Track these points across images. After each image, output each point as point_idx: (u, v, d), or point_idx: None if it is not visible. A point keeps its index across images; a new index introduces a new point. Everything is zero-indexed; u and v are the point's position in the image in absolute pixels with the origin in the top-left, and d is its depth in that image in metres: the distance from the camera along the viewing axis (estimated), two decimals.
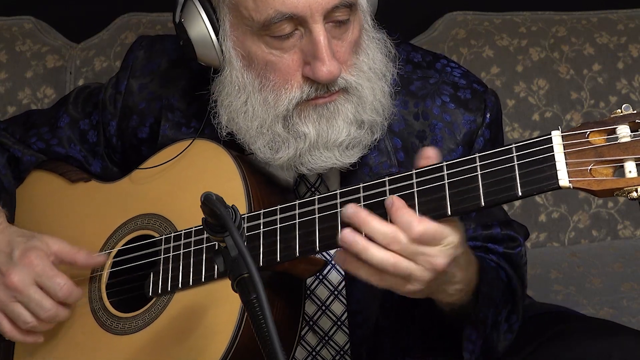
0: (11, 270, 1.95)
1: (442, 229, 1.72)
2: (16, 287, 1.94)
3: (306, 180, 2.05)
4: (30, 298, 1.95)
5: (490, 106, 2.04)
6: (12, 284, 1.94)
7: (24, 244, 1.98)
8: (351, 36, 1.91)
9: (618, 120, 1.65)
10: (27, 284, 1.94)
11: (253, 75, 1.93)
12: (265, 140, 1.94)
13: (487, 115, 2.03)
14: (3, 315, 1.98)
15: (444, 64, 2.08)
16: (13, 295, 1.95)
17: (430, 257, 1.72)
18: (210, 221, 1.65)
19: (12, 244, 1.99)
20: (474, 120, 2.02)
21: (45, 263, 1.96)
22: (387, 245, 1.71)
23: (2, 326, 1.98)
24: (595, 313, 2.81)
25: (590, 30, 3.24)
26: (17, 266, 1.95)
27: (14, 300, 1.95)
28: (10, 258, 1.97)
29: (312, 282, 2.04)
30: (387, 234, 1.71)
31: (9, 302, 1.96)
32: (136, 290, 2.01)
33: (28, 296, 1.94)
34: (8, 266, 1.96)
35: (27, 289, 1.94)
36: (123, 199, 2.09)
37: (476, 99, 2.04)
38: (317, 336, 2.06)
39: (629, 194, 1.61)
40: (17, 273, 1.94)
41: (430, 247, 1.72)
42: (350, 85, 1.91)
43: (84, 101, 2.23)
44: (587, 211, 3.16)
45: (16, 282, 1.94)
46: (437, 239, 1.72)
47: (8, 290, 1.95)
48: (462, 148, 2.00)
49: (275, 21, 1.85)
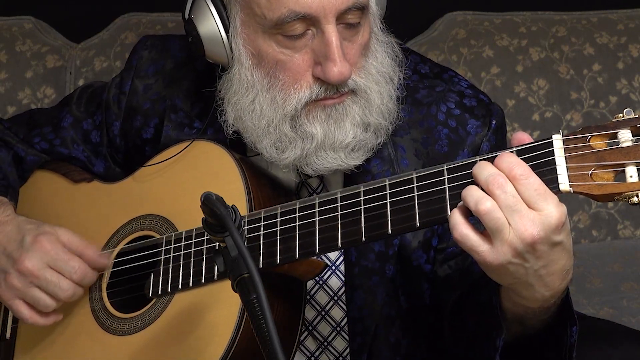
0: (24, 256, 1.96)
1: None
2: (31, 272, 1.95)
3: (308, 186, 2.04)
4: (47, 281, 1.95)
5: (495, 114, 2.03)
6: (26, 269, 1.95)
7: (34, 230, 1.99)
8: (361, 39, 1.91)
9: (620, 124, 1.65)
10: (41, 268, 1.95)
11: (262, 74, 1.92)
12: (271, 140, 1.94)
13: (492, 121, 2.02)
14: (21, 302, 1.98)
15: (452, 75, 2.08)
16: (29, 280, 1.96)
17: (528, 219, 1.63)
18: (210, 221, 1.65)
19: (22, 231, 1.99)
20: (480, 126, 2.01)
21: (57, 247, 1.97)
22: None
23: (21, 314, 1.99)
24: (595, 313, 2.81)
25: (590, 30, 3.24)
26: (29, 251, 1.96)
27: (31, 285, 1.96)
28: (21, 245, 1.97)
29: (311, 287, 2.04)
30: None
31: (27, 289, 1.96)
32: (136, 291, 2.01)
33: (45, 279, 1.95)
34: (20, 252, 1.96)
35: (42, 272, 1.95)
36: (125, 199, 2.10)
37: (481, 107, 2.03)
38: (316, 341, 2.06)
39: (630, 199, 1.60)
40: (30, 258, 1.95)
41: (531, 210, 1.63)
42: (359, 87, 1.91)
43: (87, 101, 2.23)
44: (587, 211, 3.16)
45: (30, 267, 1.95)
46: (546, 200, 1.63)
47: (23, 276, 1.96)
48: (468, 153, 2.00)
49: (288, 20, 1.85)
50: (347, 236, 1.79)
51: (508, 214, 1.63)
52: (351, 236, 1.79)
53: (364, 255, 2.00)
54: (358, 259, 2.00)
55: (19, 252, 1.97)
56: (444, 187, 1.72)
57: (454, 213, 1.67)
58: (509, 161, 1.64)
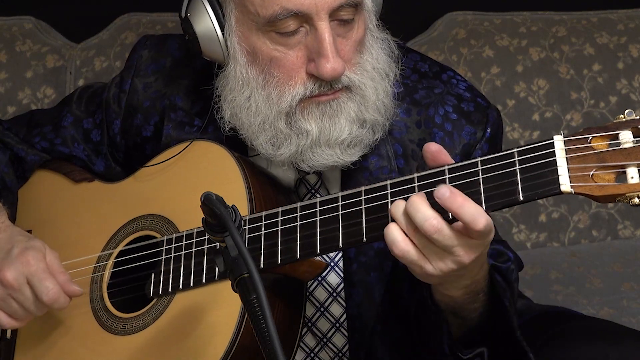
0: (6, 267, 1.96)
1: (492, 225, 1.70)
2: (11, 284, 1.95)
3: (306, 182, 2.05)
4: (24, 296, 1.95)
5: (491, 121, 2.04)
6: (6, 280, 1.95)
7: (24, 242, 1.99)
8: (356, 35, 1.92)
9: (621, 125, 1.64)
10: (21, 282, 1.95)
11: (257, 71, 1.93)
12: (267, 136, 1.94)
13: (487, 129, 2.03)
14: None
15: (450, 76, 2.09)
16: (8, 292, 1.96)
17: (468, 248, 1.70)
18: (211, 221, 1.65)
19: (12, 242, 2.00)
20: (475, 133, 2.02)
21: (40, 264, 1.96)
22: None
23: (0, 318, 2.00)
24: (595, 313, 2.81)
25: (590, 30, 3.24)
26: (13, 264, 1.96)
27: (8, 297, 1.96)
28: (8, 255, 1.97)
29: (311, 284, 2.04)
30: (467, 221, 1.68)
31: (4, 298, 1.97)
32: (137, 291, 2.01)
33: (22, 293, 1.95)
34: (4, 262, 1.97)
35: (21, 286, 1.95)
36: (126, 199, 2.10)
37: (479, 112, 2.04)
38: (315, 338, 2.06)
39: (631, 200, 1.60)
40: (11, 270, 1.95)
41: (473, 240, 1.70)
42: (353, 83, 1.92)
43: (88, 100, 2.24)
44: (587, 211, 3.16)
45: (10, 279, 1.95)
46: (488, 234, 1.70)
47: (2, 286, 1.96)
48: (460, 158, 2.00)
49: (280, 18, 1.86)
50: (348, 236, 1.79)
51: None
52: (352, 236, 1.79)
53: (363, 251, 2.01)
54: (357, 255, 2.01)
55: (4, 262, 1.97)
56: None
57: (392, 229, 1.71)
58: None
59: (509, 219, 3.14)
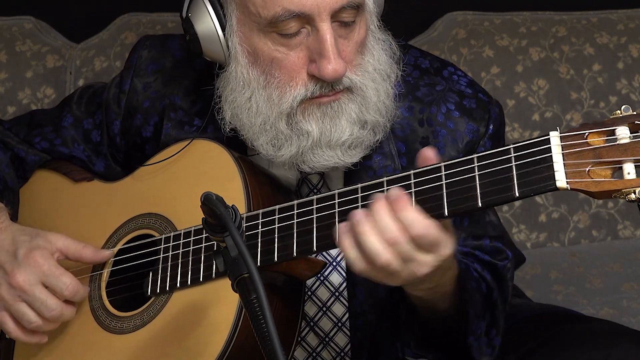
0: (16, 270, 1.95)
1: (441, 238, 1.69)
2: (22, 287, 1.94)
3: (308, 182, 2.05)
4: (35, 297, 1.95)
5: (494, 117, 2.04)
6: (17, 284, 1.94)
7: (28, 242, 1.98)
8: (357, 36, 1.92)
9: (617, 121, 1.64)
10: (32, 284, 1.95)
11: (258, 72, 1.93)
12: (268, 137, 1.94)
13: (490, 126, 2.03)
14: (7, 315, 1.98)
15: (451, 72, 2.09)
16: (18, 294, 1.95)
17: (420, 264, 1.69)
18: (210, 221, 1.65)
19: (16, 243, 1.99)
20: (477, 130, 2.02)
21: (50, 262, 1.96)
22: (387, 240, 1.68)
23: (6, 326, 1.98)
24: (595, 313, 2.81)
25: (590, 30, 3.24)
26: (21, 266, 1.95)
27: (19, 299, 1.96)
28: (14, 257, 1.97)
29: (312, 283, 2.04)
30: (393, 231, 1.68)
31: (13, 302, 1.96)
32: (135, 290, 2.01)
33: (33, 295, 1.95)
34: (13, 266, 1.96)
35: (32, 288, 1.95)
36: (124, 198, 2.10)
37: (481, 108, 2.04)
38: (317, 337, 2.06)
39: (627, 196, 1.60)
40: (22, 273, 1.94)
41: (424, 254, 1.69)
42: (354, 85, 1.92)
43: (88, 101, 2.24)
44: (587, 211, 3.16)
45: (21, 282, 1.94)
46: (434, 246, 1.69)
47: (13, 289, 1.95)
48: (463, 156, 1.99)
49: (282, 19, 1.86)
50: None
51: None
52: None
53: None
54: None
55: (12, 265, 1.96)
56: (441, 184, 1.72)
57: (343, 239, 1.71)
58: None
59: (509, 219, 3.14)
